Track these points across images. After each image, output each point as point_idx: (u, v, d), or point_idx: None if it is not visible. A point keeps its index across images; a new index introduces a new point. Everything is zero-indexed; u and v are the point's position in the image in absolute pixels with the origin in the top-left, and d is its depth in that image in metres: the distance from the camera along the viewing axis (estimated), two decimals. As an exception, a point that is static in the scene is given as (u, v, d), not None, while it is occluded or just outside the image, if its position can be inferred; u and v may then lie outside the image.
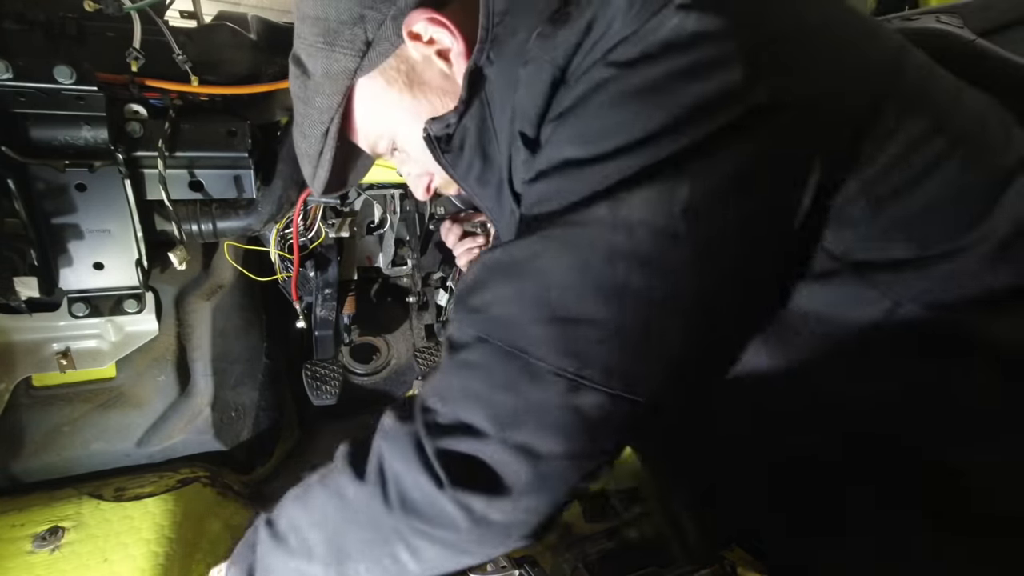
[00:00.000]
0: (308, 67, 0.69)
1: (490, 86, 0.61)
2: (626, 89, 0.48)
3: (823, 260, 0.53)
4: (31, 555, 0.92)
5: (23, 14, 0.87)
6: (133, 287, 1.01)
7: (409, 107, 0.69)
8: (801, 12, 0.53)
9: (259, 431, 1.31)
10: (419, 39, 0.64)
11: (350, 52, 0.66)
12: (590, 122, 0.51)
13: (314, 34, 0.67)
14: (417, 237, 1.34)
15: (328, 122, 0.70)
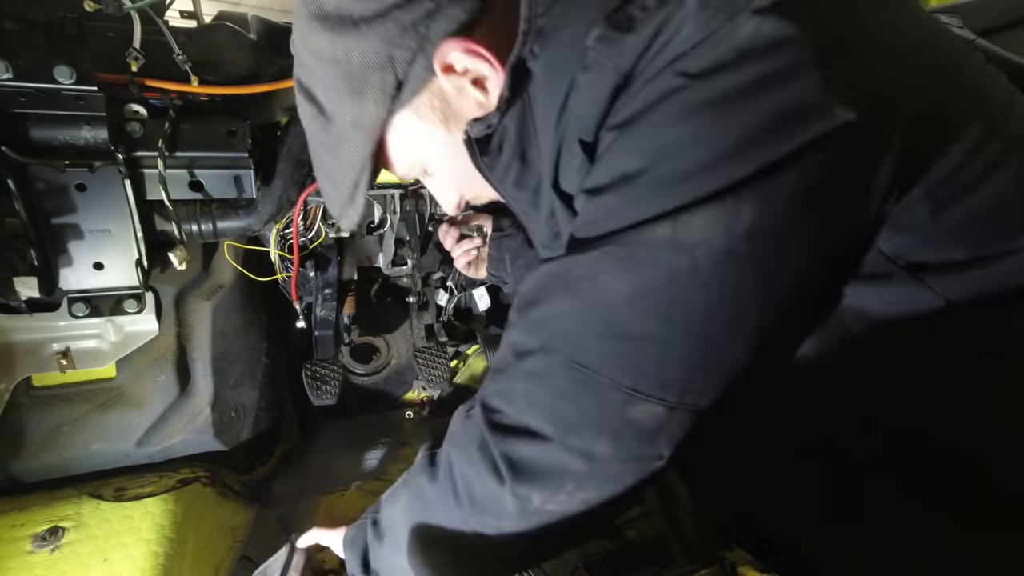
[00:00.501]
0: (328, 111, 0.64)
1: (534, 84, 0.59)
2: (695, 102, 0.47)
3: (878, 262, 0.54)
4: (31, 555, 0.92)
5: (23, 14, 0.87)
6: (133, 287, 1.01)
7: (442, 139, 0.66)
8: (867, 15, 0.51)
9: (259, 431, 1.31)
10: (452, 71, 0.60)
11: (380, 100, 0.61)
12: (655, 136, 0.49)
13: (334, 77, 0.61)
14: (417, 237, 1.34)
15: (359, 172, 0.66)
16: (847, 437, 0.64)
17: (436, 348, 1.50)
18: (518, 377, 0.56)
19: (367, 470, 1.36)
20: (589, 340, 0.52)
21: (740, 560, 0.73)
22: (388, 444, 1.44)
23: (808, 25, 0.45)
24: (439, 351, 1.49)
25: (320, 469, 1.35)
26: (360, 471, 1.35)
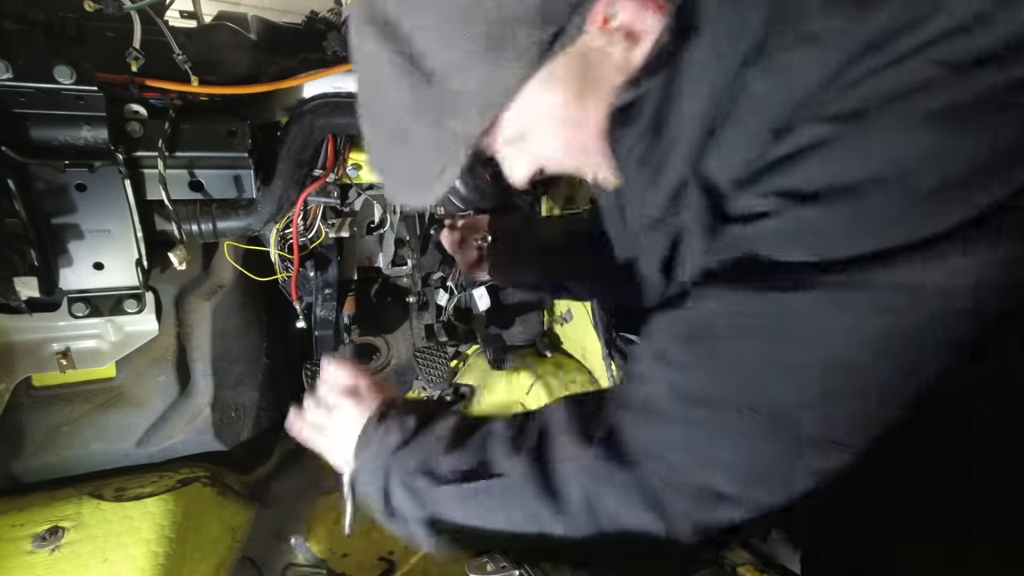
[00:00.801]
0: (440, 73, 0.50)
1: (696, 43, 0.49)
2: (954, 101, 0.38)
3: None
4: (31, 555, 0.92)
5: (23, 14, 0.87)
6: (133, 287, 1.01)
7: (564, 109, 0.55)
8: None
9: (259, 431, 1.31)
10: (607, 25, 0.50)
11: (519, 62, 0.49)
12: (896, 139, 0.40)
13: (455, 31, 0.48)
14: (417, 237, 1.34)
15: (461, 146, 0.54)
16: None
17: (436, 348, 1.50)
18: (693, 429, 0.50)
19: (367, 470, 1.36)
20: (804, 395, 0.46)
21: (740, 560, 0.73)
22: (388, 444, 1.44)
23: None
24: (439, 351, 1.49)
25: (320, 469, 1.35)
26: (360, 471, 1.35)
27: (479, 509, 0.59)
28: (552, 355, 1.64)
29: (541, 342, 1.69)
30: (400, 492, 0.63)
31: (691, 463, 0.50)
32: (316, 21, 1.14)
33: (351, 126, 1.04)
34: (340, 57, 1.07)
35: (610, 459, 0.53)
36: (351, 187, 1.19)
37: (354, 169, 1.13)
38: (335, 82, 1.05)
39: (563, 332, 1.72)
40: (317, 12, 1.16)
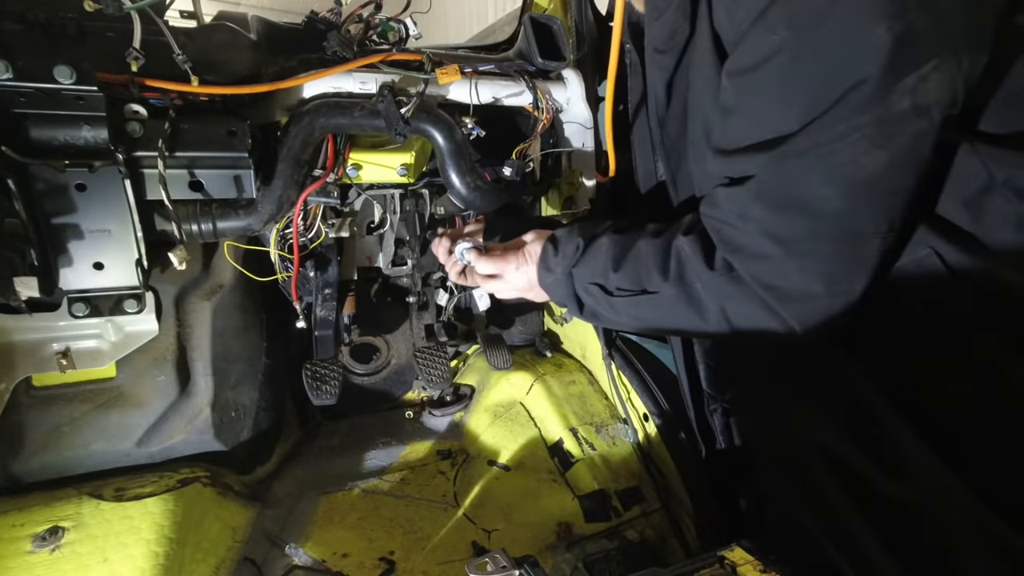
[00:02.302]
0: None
1: None
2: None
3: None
4: (31, 555, 0.92)
5: (23, 14, 0.87)
6: (133, 287, 1.01)
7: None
8: None
9: (259, 431, 1.31)
10: None
11: None
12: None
13: None
14: (417, 237, 1.34)
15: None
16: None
17: (436, 348, 1.50)
18: (791, 260, 0.65)
19: (367, 470, 1.36)
20: (862, 208, 0.61)
21: (740, 560, 0.73)
22: (388, 444, 1.44)
23: None
24: (439, 351, 1.49)
25: (320, 469, 1.35)
26: (360, 471, 1.35)
27: (645, 314, 0.81)
28: (552, 355, 1.65)
29: (541, 342, 1.70)
30: (585, 295, 0.85)
31: (793, 281, 0.67)
32: (316, 21, 1.14)
33: (351, 126, 1.04)
34: (340, 57, 1.07)
35: (731, 280, 0.71)
36: (351, 187, 1.19)
37: (354, 169, 1.13)
38: (335, 82, 1.05)
39: (563, 332, 1.72)
40: (317, 12, 1.16)
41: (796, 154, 0.62)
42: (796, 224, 0.64)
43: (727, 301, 0.72)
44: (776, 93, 0.62)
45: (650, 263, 0.77)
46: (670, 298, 0.76)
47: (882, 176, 0.59)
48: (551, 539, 1.14)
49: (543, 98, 1.18)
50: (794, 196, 0.63)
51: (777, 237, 0.65)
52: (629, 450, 1.32)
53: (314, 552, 1.10)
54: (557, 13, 1.44)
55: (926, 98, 0.55)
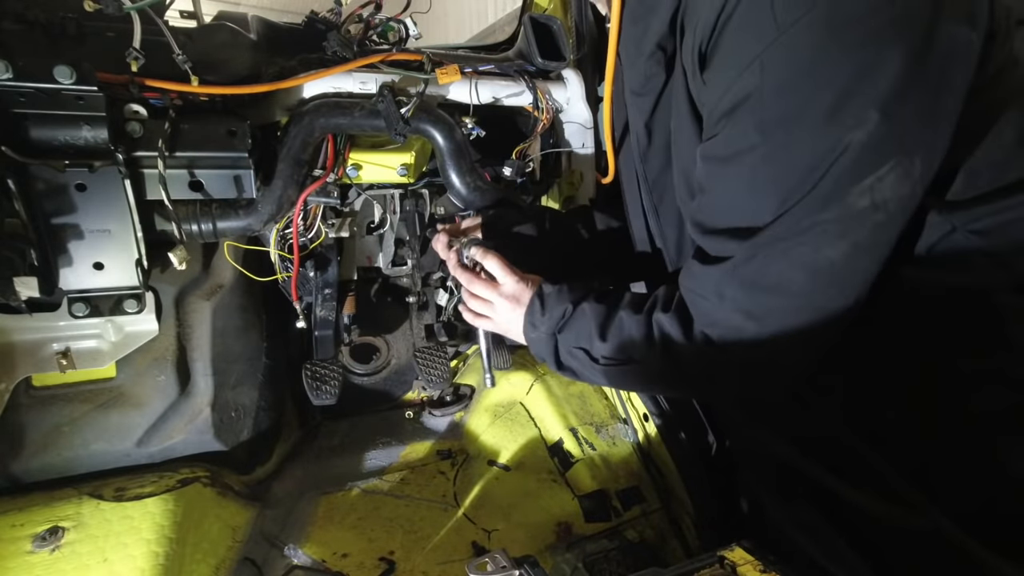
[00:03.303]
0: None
1: None
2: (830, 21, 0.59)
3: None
4: (31, 555, 0.92)
5: (23, 14, 0.88)
6: (133, 287, 1.01)
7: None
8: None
9: (259, 431, 1.31)
10: None
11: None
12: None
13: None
14: (417, 237, 1.34)
15: None
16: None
17: (436, 348, 1.50)
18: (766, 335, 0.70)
19: (367, 470, 1.36)
20: (825, 290, 0.67)
21: (740, 560, 0.73)
22: (388, 444, 1.44)
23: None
24: (439, 351, 1.49)
25: (320, 469, 1.35)
26: (360, 471, 1.35)
27: (631, 380, 0.88)
28: (552, 355, 1.64)
29: (541, 342, 1.69)
30: (568, 357, 0.89)
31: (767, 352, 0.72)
32: (316, 21, 1.14)
33: (351, 126, 1.04)
34: (340, 57, 1.07)
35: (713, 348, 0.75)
36: (351, 187, 1.19)
37: (354, 169, 1.13)
38: (335, 82, 1.05)
39: (563, 332, 1.71)
40: (317, 12, 1.16)
41: (767, 244, 0.67)
42: (768, 303, 0.69)
43: (711, 367, 0.77)
44: (747, 186, 0.67)
45: (634, 336, 0.81)
46: (659, 369, 0.81)
47: (845, 263, 0.65)
48: (551, 539, 1.14)
49: (543, 98, 1.18)
50: (766, 279, 0.68)
51: (751, 314, 0.70)
52: (629, 450, 1.32)
53: (314, 552, 1.10)
54: (557, 13, 1.44)
55: (883, 195, 0.61)
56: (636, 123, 0.93)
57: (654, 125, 0.90)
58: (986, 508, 0.68)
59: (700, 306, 0.76)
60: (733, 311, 0.72)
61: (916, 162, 0.61)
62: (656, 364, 0.80)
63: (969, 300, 0.69)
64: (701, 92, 0.73)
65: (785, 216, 0.64)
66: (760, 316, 0.70)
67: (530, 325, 0.92)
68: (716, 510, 1.13)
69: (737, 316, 0.71)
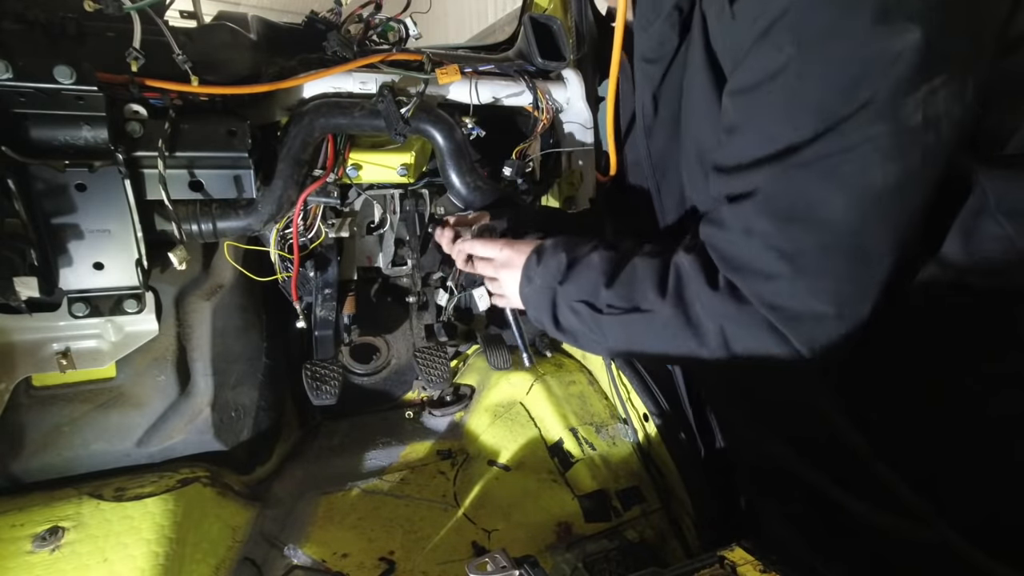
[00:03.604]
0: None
1: None
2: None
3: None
4: (31, 555, 0.92)
5: (23, 14, 0.87)
6: (133, 287, 1.01)
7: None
8: None
9: (259, 431, 1.31)
10: None
11: None
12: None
13: None
14: (417, 237, 1.34)
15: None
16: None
17: (436, 348, 1.50)
18: (799, 278, 0.63)
19: (367, 470, 1.36)
20: (871, 224, 0.60)
21: (740, 560, 0.73)
22: (388, 444, 1.44)
23: None
24: (439, 351, 1.49)
25: (320, 469, 1.35)
26: (360, 471, 1.35)
27: (635, 336, 0.76)
28: (552, 355, 1.65)
29: (541, 342, 1.69)
30: (567, 314, 0.80)
31: (800, 300, 0.63)
32: (316, 21, 1.14)
33: (351, 126, 1.04)
34: (340, 57, 1.07)
35: (734, 300, 0.67)
36: (351, 187, 1.19)
37: (354, 169, 1.13)
38: (335, 82, 1.05)
39: (563, 332, 1.71)
40: (317, 12, 1.16)
41: (804, 165, 0.60)
42: (804, 238, 0.61)
43: (728, 323, 0.68)
44: (783, 109, 0.61)
45: (646, 280, 0.74)
46: (666, 318, 0.72)
47: (893, 191, 0.58)
48: (551, 539, 1.14)
49: (543, 98, 1.18)
50: (802, 208, 0.61)
51: (784, 252, 0.63)
52: (629, 450, 1.32)
53: (314, 552, 1.10)
54: (557, 13, 1.44)
55: (935, 110, 0.55)
56: (643, 93, 0.90)
57: (661, 95, 0.87)
58: (994, 518, 0.66)
59: (725, 250, 0.68)
60: (763, 250, 0.64)
61: (969, 81, 0.56)
62: (666, 315, 0.71)
63: (991, 304, 0.64)
64: (728, 32, 0.67)
65: (829, 133, 0.58)
66: (794, 255, 0.62)
67: (525, 280, 0.86)
68: (716, 510, 1.13)
69: (768, 256, 0.63)
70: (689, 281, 0.70)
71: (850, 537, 0.78)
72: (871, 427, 0.74)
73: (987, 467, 0.66)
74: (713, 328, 0.69)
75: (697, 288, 0.69)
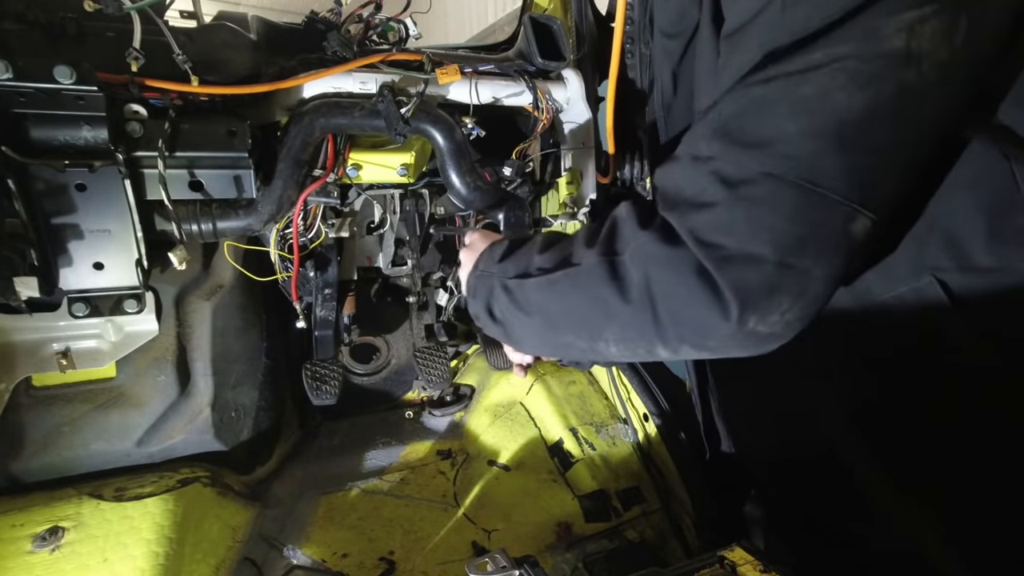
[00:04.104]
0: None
1: None
2: None
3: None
4: (31, 555, 0.92)
5: (23, 14, 0.87)
6: (133, 287, 1.01)
7: None
8: None
9: (259, 431, 1.31)
10: None
11: None
12: None
13: None
14: (417, 237, 1.34)
15: None
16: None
17: (436, 348, 1.50)
18: (738, 206, 0.55)
19: (367, 470, 1.36)
20: (823, 158, 0.52)
21: (740, 560, 0.73)
22: (388, 444, 1.44)
23: None
24: (439, 351, 1.49)
25: (320, 469, 1.35)
26: (360, 471, 1.35)
27: (558, 294, 0.69)
28: (552, 355, 1.65)
29: (541, 342, 1.69)
30: (500, 296, 0.75)
31: (736, 237, 0.54)
32: (316, 21, 1.14)
33: (351, 126, 1.04)
34: (340, 57, 1.07)
35: (664, 240, 0.59)
36: (351, 187, 1.19)
37: (354, 169, 1.13)
38: (335, 82, 1.05)
39: (563, 332, 1.71)
40: (317, 12, 1.16)
41: (764, 82, 0.54)
42: (749, 163, 0.54)
43: (654, 267, 0.59)
44: (758, 42, 0.56)
45: (580, 237, 0.69)
46: (589, 269, 0.64)
47: (856, 122, 0.51)
48: (551, 539, 1.14)
49: (543, 98, 1.18)
50: (752, 127, 0.54)
51: (726, 177, 0.55)
52: (629, 450, 1.32)
53: (314, 552, 1.10)
54: (557, 13, 1.44)
55: (919, 44, 0.48)
56: (663, 71, 0.86)
57: (681, 72, 0.83)
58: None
59: (668, 184, 0.61)
60: (705, 175, 0.57)
61: (963, 20, 0.49)
62: (590, 264, 0.64)
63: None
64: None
65: (795, 49, 0.52)
66: (737, 181, 0.54)
67: (473, 268, 0.84)
68: (716, 510, 1.13)
69: (707, 181, 0.56)
70: (623, 227, 0.63)
71: (840, 548, 0.77)
72: (873, 432, 0.71)
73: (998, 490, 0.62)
74: (637, 277, 0.60)
75: (629, 233, 0.62)
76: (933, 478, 0.67)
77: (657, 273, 0.59)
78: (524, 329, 0.76)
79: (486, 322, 0.80)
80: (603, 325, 0.64)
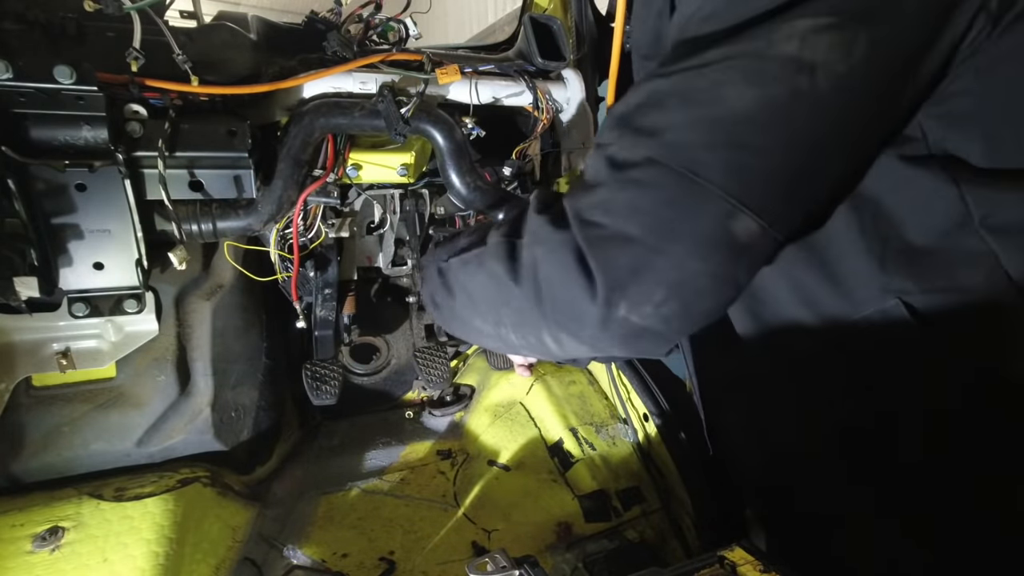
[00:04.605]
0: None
1: None
2: None
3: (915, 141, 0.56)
4: (31, 555, 0.92)
5: (23, 14, 0.87)
6: (133, 287, 1.01)
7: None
8: None
9: (259, 431, 1.31)
10: None
11: None
12: None
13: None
14: (417, 237, 1.34)
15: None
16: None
17: (436, 348, 1.50)
18: (620, 188, 0.56)
19: (367, 470, 1.36)
20: (705, 150, 0.52)
21: (740, 560, 0.73)
22: (388, 444, 1.44)
23: None
24: (439, 351, 1.49)
25: (320, 469, 1.35)
26: (360, 471, 1.35)
27: (469, 273, 0.72)
28: (552, 355, 1.64)
29: (541, 342, 1.69)
30: (434, 278, 0.78)
31: (613, 216, 0.55)
32: (316, 21, 1.14)
33: (351, 126, 1.04)
34: (340, 57, 1.07)
35: (553, 223, 0.60)
36: (351, 187, 1.19)
37: (354, 169, 1.13)
38: (335, 82, 1.05)
39: (563, 332, 1.71)
40: (317, 12, 1.16)
41: (665, 74, 0.56)
42: (640, 147, 0.55)
43: (541, 249, 0.60)
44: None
45: (498, 219, 0.74)
46: (492, 249, 0.66)
47: (743, 120, 0.51)
48: (551, 539, 1.14)
49: (543, 98, 1.18)
50: (647, 116, 0.56)
51: (617, 161, 0.56)
52: (629, 450, 1.32)
53: (314, 552, 1.10)
54: (557, 13, 1.44)
55: (813, 54, 0.49)
56: None
57: None
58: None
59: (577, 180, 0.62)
60: (600, 159, 0.58)
61: (861, 36, 0.49)
62: (493, 244, 0.66)
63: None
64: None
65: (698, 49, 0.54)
66: (623, 164, 0.55)
67: (427, 260, 0.86)
68: (716, 510, 1.13)
69: (599, 165, 0.58)
70: (527, 211, 0.64)
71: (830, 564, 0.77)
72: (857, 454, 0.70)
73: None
74: (528, 259, 0.62)
75: (530, 216, 0.63)
76: (919, 507, 0.65)
77: (542, 254, 0.60)
78: (449, 312, 0.78)
79: (431, 308, 0.82)
80: (500, 308, 0.67)
